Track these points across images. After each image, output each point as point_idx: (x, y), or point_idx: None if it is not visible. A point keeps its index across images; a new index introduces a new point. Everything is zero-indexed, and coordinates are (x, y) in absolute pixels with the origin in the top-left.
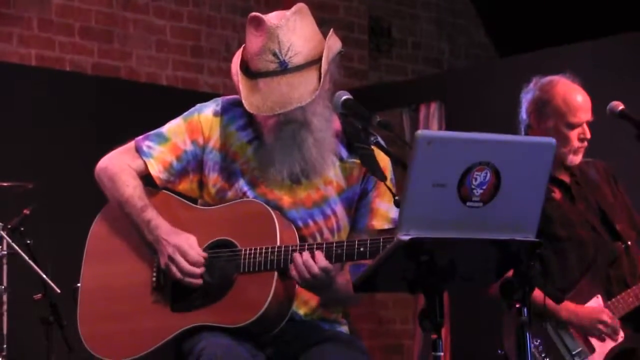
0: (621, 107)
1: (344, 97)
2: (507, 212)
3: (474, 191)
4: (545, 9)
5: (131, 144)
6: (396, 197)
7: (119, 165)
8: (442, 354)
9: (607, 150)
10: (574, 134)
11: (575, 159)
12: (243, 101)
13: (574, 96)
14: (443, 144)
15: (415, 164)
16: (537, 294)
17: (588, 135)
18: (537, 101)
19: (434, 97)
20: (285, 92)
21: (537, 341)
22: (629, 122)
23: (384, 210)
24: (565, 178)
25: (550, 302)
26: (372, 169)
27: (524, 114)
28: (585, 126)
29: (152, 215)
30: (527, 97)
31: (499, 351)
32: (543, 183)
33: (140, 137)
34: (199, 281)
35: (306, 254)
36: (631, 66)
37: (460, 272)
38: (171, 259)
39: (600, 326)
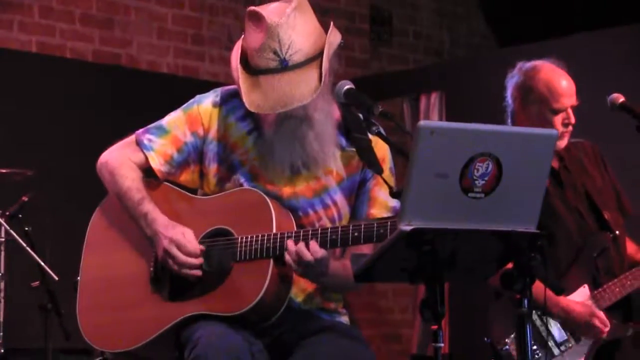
0: (622, 99)
1: (347, 87)
2: (508, 203)
3: (476, 182)
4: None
5: (132, 138)
6: (393, 189)
7: (119, 159)
8: (442, 344)
9: (606, 141)
10: (557, 119)
11: (560, 144)
12: (243, 99)
13: (557, 82)
14: (445, 134)
15: (417, 154)
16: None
17: (572, 120)
18: (520, 87)
19: (435, 87)
20: (287, 90)
21: None
22: (630, 115)
23: (383, 198)
24: (554, 163)
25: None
26: (369, 161)
27: (509, 99)
28: (569, 111)
29: (148, 207)
30: (511, 82)
31: (485, 339)
32: (544, 174)
33: (141, 130)
34: (197, 272)
35: (300, 243)
36: (631, 58)
37: (461, 262)
38: (167, 252)
39: (590, 329)
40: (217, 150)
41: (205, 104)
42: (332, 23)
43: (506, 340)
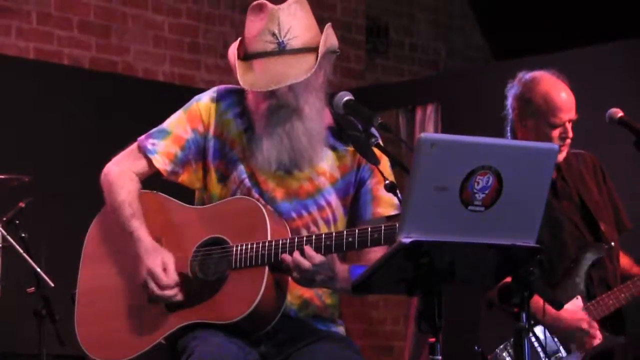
0: (620, 114)
1: (346, 98)
2: (508, 217)
3: (476, 195)
4: (543, 13)
5: (133, 146)
6: (387, 181)
7: (119, 170)
8: (439, 357)
9: (605, 156)
10: (555, 133)
11: (558, 157)
12: (238, 79)
13: (556, 95)
14: (446, 147)
15: (418, 166)
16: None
17: (570, 134)
18: (519, 98)
19: (431, 99)
20: (281, 70)
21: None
22: (628, 130)
23: (388, 196)
24: None
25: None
26: (365, 153)
27: (509, 109)
28: (567, 125)
29: (135, 225)
30: (511, 93)
31: (476, 347)
32: (545, 189)
33: (142, 136)
34: (175, 299)
35: (295, 253)
36: (628, 73)
37: (460, 275)
38: (145, 282)
39: (579, 333)
40: (218, 146)
41: (204, 100)
42: (329, 24)
43: (497, 349)
